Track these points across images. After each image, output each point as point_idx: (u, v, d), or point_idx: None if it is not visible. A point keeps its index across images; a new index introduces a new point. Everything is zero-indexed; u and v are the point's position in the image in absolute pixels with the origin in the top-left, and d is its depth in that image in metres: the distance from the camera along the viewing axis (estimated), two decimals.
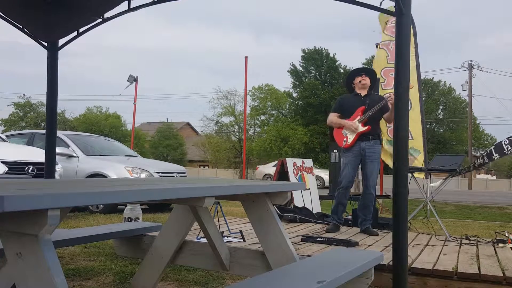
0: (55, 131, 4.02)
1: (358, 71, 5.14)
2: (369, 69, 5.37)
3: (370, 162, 4.80)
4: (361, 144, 4.83)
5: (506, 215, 10.07)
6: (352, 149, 4.85)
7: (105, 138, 10.50)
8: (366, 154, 4.81)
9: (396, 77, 2.63)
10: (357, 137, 4.82)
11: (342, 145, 4.92)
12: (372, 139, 4.84)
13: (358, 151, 4.83)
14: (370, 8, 2.68)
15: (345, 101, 5.07)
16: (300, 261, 2.39)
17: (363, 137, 4.82)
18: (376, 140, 4.87)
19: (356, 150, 4.83)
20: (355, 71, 5.16)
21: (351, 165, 4.85)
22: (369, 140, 4.83)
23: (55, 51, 3.86)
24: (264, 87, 40.72)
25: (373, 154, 4.82)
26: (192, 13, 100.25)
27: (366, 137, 4.82)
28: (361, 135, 4.81)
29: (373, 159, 4.82)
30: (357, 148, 4.83)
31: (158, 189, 1.74)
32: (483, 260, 3.55)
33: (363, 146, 4.82)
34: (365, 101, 4.89)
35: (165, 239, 2.81)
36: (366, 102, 4.88)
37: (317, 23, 77.73)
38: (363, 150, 4.82)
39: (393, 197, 2.62)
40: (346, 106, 5.00)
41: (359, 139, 4.82)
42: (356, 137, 4.82)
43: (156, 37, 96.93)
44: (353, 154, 4.84)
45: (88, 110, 44.56)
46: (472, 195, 20.33)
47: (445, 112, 44.03)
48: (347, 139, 4.88)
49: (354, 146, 4.84)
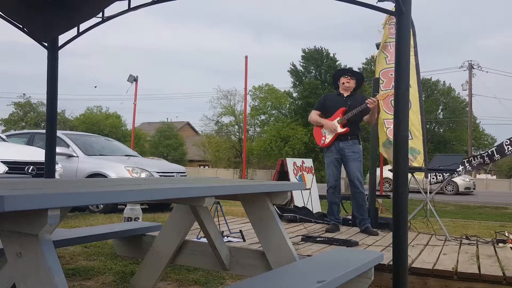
0: (55, 131, 4.02)
1: (344, 72, 5.24)
2: (355, 72, 5.43)
3: (351, 161, 4.86)
4: (340, 144, 4.90)
5: (506, 215, 10.07)
6: (331, 148, 4.94)
7: (105, 138, 10.50)
8: (345, 154, 4.89)
9: (396, 77, 2.63)
10: (335, 137, 4.91)
11: (320, 143, 5.03)
12: (351, 139, 4.91)
13: (337, 150, 4.91)
14: (370, 8, 2.68)
15: (328, 100, 5.17)
16: (300, 261, 2.39)
17: (341, 137, 4.90)
18: (355, 140, 4.94)
19: (335, 149, 4.92)
20: (342, 71, 5.29)
21: (332, 163, 4.94)
22: (348, 140, 4.90)
23: (55, 50, 3.85)
24: (264, 86, 40.75)
25: (353, 153, 4.88)
26: (192, 13, 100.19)
27: (345, 137, 4.89)
28: (339, 135, 4.89)
29: (354, 158, 4.87)
30: (336, 147, 4.92)
31: (158, 189, 1.74)
32: (483, 260, 3.55)
33: (341, 146, 4.90)
34: (346, 102, 4.97)
35: (165, 239, 2.81)
36: (347, 103, 4.95)
37: (317, 23, 77.75)
38: (342, 149, 4.89)
39: (393, 197, 2.62)
40: (328, 105, 5.10)
41: (337, 139, 4.91)
42: (334, 137, 4.91)
43: (156, 37, 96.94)
44: (333, 153, 4.94)
45: (88, 110, 44.61)
46: (472, 195, 20.32)
47: (445, 112, 44.03)
48: (325, 138, 4.98)
49: (333, 145, 4.93)
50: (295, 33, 75.96)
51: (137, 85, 12.39)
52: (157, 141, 44.17)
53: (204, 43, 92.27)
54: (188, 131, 54.37)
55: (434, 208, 5.15)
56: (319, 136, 5.06)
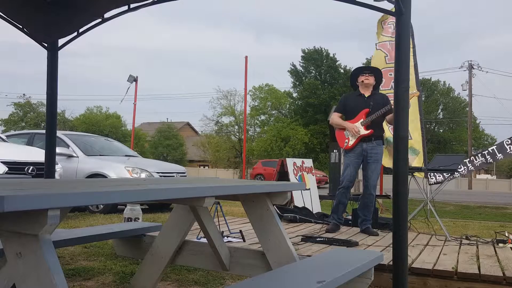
0: (55, 131, 4.02)
1: (362, 70, 5.07)
2: (373, 68, 5.28)
3: (372, 162, 4.80)
4: (363, 145, 4.82)
5: (506, 215, 10.07)
6: (354, 149, 4.83)
7: (105, 138, 10.50)
8: (368, 155, 4.81)
9: (396, 77, 2.62)
10: (359, 139, 4.81)
11: (343, 146, 4.90)
12: (375, 139, 4.83)
13: (360, 152, 4.82)
14: (370, 8, 2.68)
15: (349, 102, 5.01)
16: (300, 261, 2.39)
17: (365, 139, 4.81)
18: (379, 141, 4.86)
19: (358, 151, 4.83)
20: (359, 70, 5.09)
21: (353, 165, 4.84)
22: (371, 141, 4.82)
23: (55, 51, 3.85)
24: (264, 87, 40.75)
25: (375, 154, 4.82)
26: (192, 13, 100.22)
27: (369, 138, 4.81)
28: (363, 137, 4.81)
29: (375, 159, 4.81)
30: (359, 149, 4.82)
31: (158, 189, 1.74)
32: (483, 260, 3.55)
33: (365, 147, 4.82)
34: (368, 103, 4.85)
35: (165, 239, 2.81)
36: (369, 104, 4.83)
37: (317, 23, 77.77)
38: (365, 151, 4.81)
39: (393, 197, 2.62)
40: (350, 106, 4.96)
41: (361, 140, 4.81)
42: (358, 139, 4.81)
43: (156, 37, 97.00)
44: (355, 155, 4.84)
45: (88, 110, 44.59)
46: (472, 195, 20.32)
47: (444, 112, 44.04)
48: (348, 141, 4.86)
49: (356, 147, 4.83)
50: (295, 33, 76.02)
51: (137, 85, 12.39)
52: (157, 141, 44.15)
53: (204, 43, 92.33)
54: (188, 131, 54.36)
55: (434, 208, 5.15)
56: (342, 138, 4.92)
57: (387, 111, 4.75)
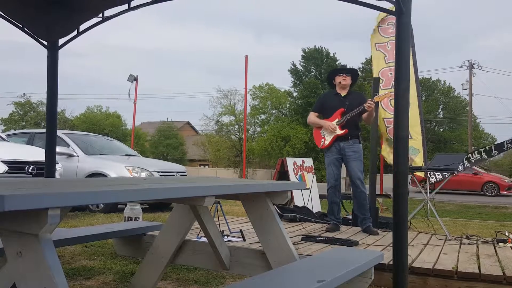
0: (55, 131, 4.03)
1: (339, 71, 5.21)
2: (350, 69, 5.43)
3: (352, 161, 4.86)
4: (340, 144, 4.91)
5: (506, 214, 10.07)
6: (331, 148, 4.94)
7: (105, 137, 10.51)
8: (346, 154, 4.89)
9: (396, 77, 2.63)
10: (334, 138, 4.91)
11: (320, 145, 5.02)
12: (351, 138, 4.90)
13: (337, 150, 4.91)
14: (370, 7, 2.68)
15: (326, 101, 5.15)
16: (300, 261, 2.39)
17: (341, 138, 4.90)
18: (355, 139, 4.94)
19: (335, 149, 4.92)
20: (337, 70, 5.24)
21: (333, 164, 4.94)
22: (348, 140, 4.90)
23: (55, 50, 3.86)
24: (265, 86, 40.74)
25: (354, 153, 4.88)
26: (192, 13, 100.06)
27: (345, 137, 4.89)
28: (338, 137, 4.89)
29: (354, 158, 4.87)
30: (336, 147, 4.91)
31: (158, 189, 1.74)
32: (483, 260, 3.55)
33: (342, 146, 4.90)
34: (344, 102, 4.96)
35: (165, 239, 2.81)
36: (345, 103, 4.95)
37: (317, 23, 77.70)
38: (343, 149, 4.89)
39: (393, 197, 2.62)
40: (326, 106, 5.08)
41: (337, 139, 4.91)
42: (334, 138, 4.91)
43: (156, 37, 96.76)
44: (333, 153, 4.93)
45: (88, 110, 44.59)
46: (472, 195, 20.31)
47: (445, 112, 44.03)
48: (324, 140, 4.97)
49: (333, 146, 4.92)
50: (295, 32, 75.99)
51: (137, 85, 12.40)
52: (157, 141, 44.14)
53: (204, 43, 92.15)
54: (188, 131, 54.36)
55: (434, 208, 5.15)
56: (318, 137, 5.05)
57: (362, 111, 4.83)
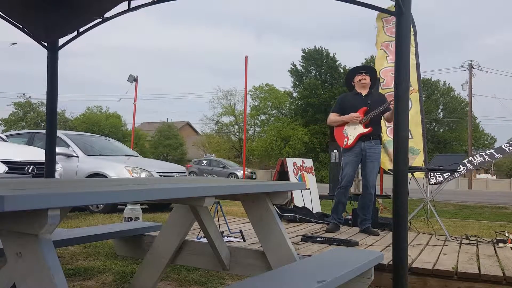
0: (55, 131, 4.02)
1: (358, 69, 5.08)
2: (369, 67, 5.32)
3: (370, 162, 4.80)
4: (362, 144, 4.82)
5: (506, 214, 10.07)
6: (353, 149, 4.84)
7: (105, 137, 10.50)
8: (366, 154, 4.81)
9: (396, 77, 2.63)
10: (358, 137, 4.81)
11: (343, 145, 4.89)
12: (373, 139, 4.84)
13: (358, 151, 4.83)
14: (370, 8, 2.68)
15: (346, 101, 5.01)
16: (300, 261, 2.39)
17: (364, 138, 4.82)
18: (377, 140, 4.87)
19: (357, 150, 4.83)
20: (355, 69, 5.11)
21: (351, 164, 4.85)
22: (370, 140, 4.82)
23: (55, 51, 3.85)
24: (265, 86, 40.79)
25: (374, 154, 4.82)
26: (192, 13, 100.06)
27: (367, 137, 4.82)
28: (362, 135, 4.81)
29: (374, 159, 4.82)
30: (358, 148, 4.83)
31: (158, 189, 1.74)
32: (483, 260, 3.55)
33: (363, 146, 4.82)
34: (366, 101, 4.86)
35: (165, 239, 2.81)
36: (367, 102, 4.85)
37: (317, 23, 77.75)
38: (364, 150, 4.82)
39: (393, 197, 2.61)
40: (347, 106, 4.96)
41: (360, 139, 4.82)
42: (357, 137, 4.81)
43: (156, 37, 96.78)
44: (354, 154, 4.84)
45: (88, 110, 44.60)
46: (472, 195, 20.32)
47: (445, 112, 44.06)
48: (347, 139, 4.86)
49: (355, 146, 4.83)
50: (295, 33, 75.99)
51: (137, 85, 12.40)
52: (157, 141, 44.15)
53: (205, 43, 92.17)
54: (188, 131, 54.37)
55: (434, 208, 5.15)
56: (341, 137, 4.92)
57: (385, 109, 4.77)
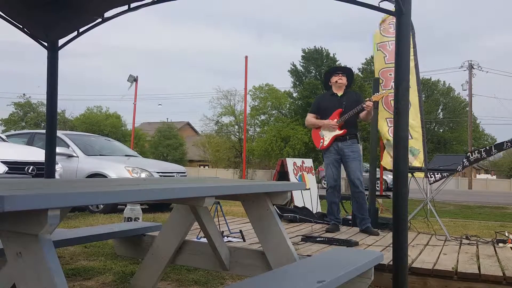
0: (55, 131, 4.02)
1: (335, 70, 5.23)
2: (345, 68, 5.47)
3: (350, 161, 4.87)
4: (339, 144, 4.92)
5: (506, 215, 10.07)
6: (330, 149, 4.95)
7: (105, 138, 10.50)
8: (345, 154, 4.90)
9: (396, 77, 2.62)
10: (333, 138, 4.92)
11: (319, 146, 5.03)
12: (349, 138, 4.92)
13: (336, 151, 4.92)
14: (370, 8, 2.68)
15: (322, 102, 5.16)
16: (300, 261, 2.39)
17: (340, 138, 4.91)
18: (354, 139, 4.95)
19: (334, 150, 4.93)
20: (332, 70, 5.26)
21: (332, 164, 4.95)
22: (346, 140, 4.91)
23: (55, 51, 3.85)
24: (265, 86, 40.71)
25: (352, 153, 4.89)
26: (192, 13, 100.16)
27: (343, 137, 4.91)
28: (337, 136, 4.91)
29: (353, 158, 4.88)
30: (335, 148, 4.93)
31: (158, 189, 1.74)
32: (483, 260, 3.55)
33: (341, 146, 4.91)
34: (341, 102, 4.97)
35: (165, 239, 2.81)
36: (342, 103, 4.96)
37: (317, 23, 77.73)
38: (341, 150, 4.91)
39: (393, 197, 2.61)
40: (323, 107, 5.09)
41: (335, 140, 4.92)
42: (333, 139, 4.92)
43: (156, 37, 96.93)
44: (332, 154, 4.94)
45: (88, 110, 44.56)
46: (472, 195, 20.32)
47: (444, 112, 44.07)
48: (323, 141, 4.98)
49: (331, 146, 4.94)
50: (296, 33, 75.97)
51: (137, 85, 12.40)
52: (157, 141, 44.12)
53: (205, 43, 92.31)
54: (188, 131, 54.36)
55: (434, 208, 5.15)
56: (317, 138, 5.06)
57: (360, 110, 4.85)
